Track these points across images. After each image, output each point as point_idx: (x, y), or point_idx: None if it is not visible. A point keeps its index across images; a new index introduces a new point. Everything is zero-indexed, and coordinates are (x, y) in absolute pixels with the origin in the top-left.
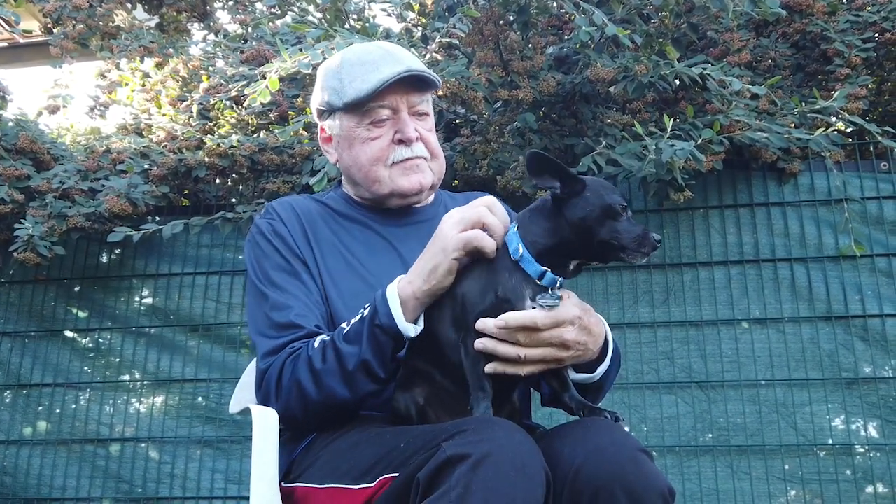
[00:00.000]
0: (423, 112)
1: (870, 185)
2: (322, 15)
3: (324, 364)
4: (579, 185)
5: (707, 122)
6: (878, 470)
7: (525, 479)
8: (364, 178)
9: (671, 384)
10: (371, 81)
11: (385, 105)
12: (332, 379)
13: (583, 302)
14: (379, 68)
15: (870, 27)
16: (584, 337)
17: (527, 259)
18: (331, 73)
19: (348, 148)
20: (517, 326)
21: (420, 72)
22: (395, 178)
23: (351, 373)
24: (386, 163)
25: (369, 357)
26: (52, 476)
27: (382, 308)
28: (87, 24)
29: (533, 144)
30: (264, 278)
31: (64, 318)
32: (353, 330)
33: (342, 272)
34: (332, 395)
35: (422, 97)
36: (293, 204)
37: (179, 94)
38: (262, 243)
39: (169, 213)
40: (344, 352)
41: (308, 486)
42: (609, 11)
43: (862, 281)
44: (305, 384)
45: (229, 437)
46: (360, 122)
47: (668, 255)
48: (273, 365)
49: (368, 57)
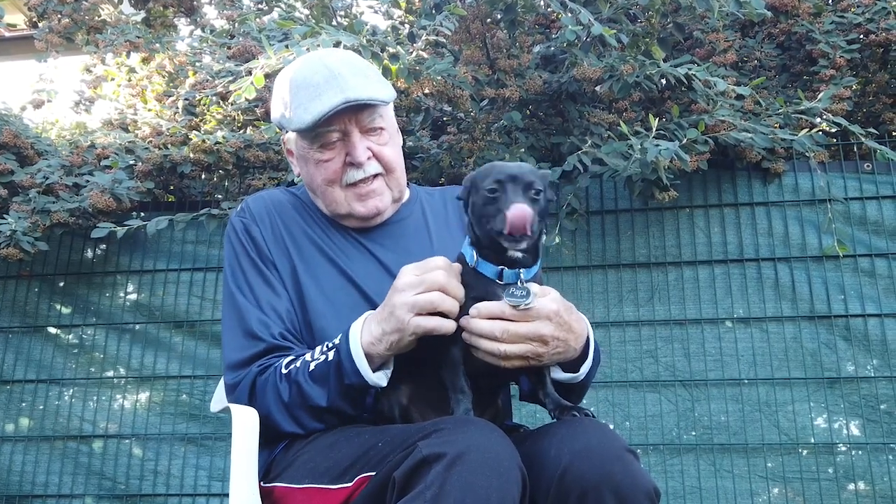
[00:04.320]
0: (375, 127)
1: (853, 186)
2: (309, 11)
3: (290, 399)
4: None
5: (692, 122)
6: (859, 468)
7: (500, 478)
8: (322, 196)
9: (655, 383)
10: (312, 112)
11: (333, 129)
12: (300, 413)
13: (564, 300)
14: (321, 96)
15: (855, 28)
16: (563, 333)
17: (482, 265)
18: (280, 92)
19: (304, 166)
20: (488, 315)
21: (359, 100)
22: (352, 203)
23: (319, 412)
24: (341, 184)
25: (337, 400)
26: (34, 473)
27: (349, 365)
28: (72, 18)
29: (519, 143)
30: (235, 278)
31: (47, 314)
32: (318, 372)
33: (321, 268)
34: (304, 426)
35: (372, 115)
36: (268, 200)
37: (165, 89)
38: (235, 243)
39: (154, 209)
40: (310, 394)
41: (287, 486)
42: (595, 11)
43: (845, 281)
44: (276, 415)
45: (213, 433)
46: (311, 145)
47: (652, 255)
48: (242, 383)
49: (313, 79)
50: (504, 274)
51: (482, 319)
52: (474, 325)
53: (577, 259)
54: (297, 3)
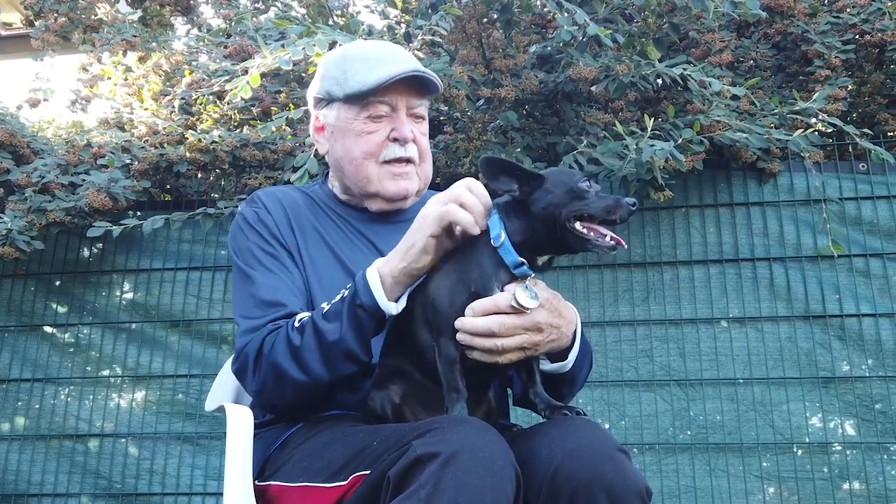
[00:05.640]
0: (419, 115)
1: (848, 186)
2: (305, 11)
3: (302, 341)
4: (538, 179)
5: (688, 122)
6: (853, 468)
7: (494, 478)
8: (354, 172)
9: (650, 382)
10: (375, 76)
11: (385, 101)
12: (310, 356)
13: (550, 289)
14: (384, 64)
15: (850, 29)
16: (556, 320)
17: (507, 247)
18: (334, 63)
19: (342, 139)
20: (483, 313)
21: (425, 73)
22: (383, 180)
23: (329, 350)
24: (378, 159)
25: (349, 336)
26: (30, 472)
27: (363, 287)
28: (69, 16)
29: (515, 142)
30: (250, 262)
31: (43, 313)
32: (332, 309)
33: (324, 261)
34: (309, 373)
35: (421, 100)
36: (278, 194)
37: (162, 88)
38: (248, 231)
39: (150, 208)
40: (323, 329)
41: (282, 484)
42: (591, 11)
43: (840, 281)
44: (282, 362)
45: (209, 433)
46: (358, 115)
47: (648, 254)
48: (252, 342)
49: (373, 53)
50: (521, 268)
51: (477, 317)
52: (470, 324)
53: (573, 258)
54: (294, 3)
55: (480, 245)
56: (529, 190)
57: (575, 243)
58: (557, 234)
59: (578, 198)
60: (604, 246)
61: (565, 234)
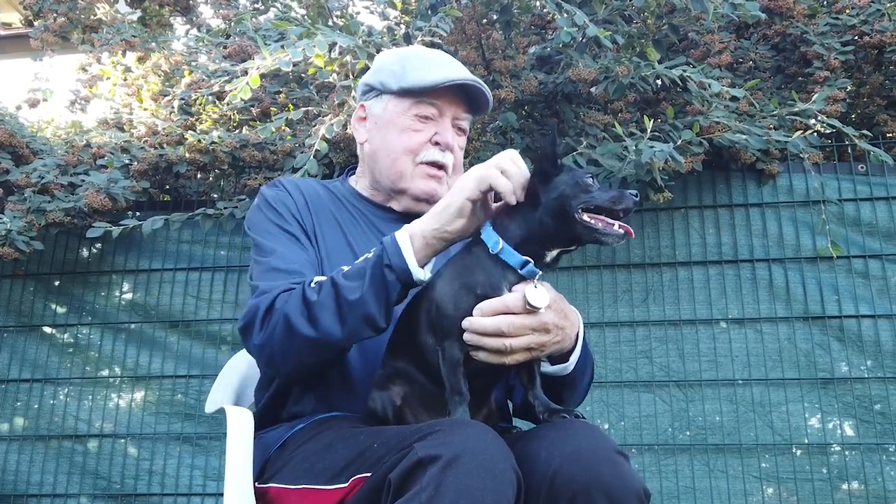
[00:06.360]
0: (463, 129)
1: (847, 187)
2: (305, 12)
3: (319, 297)
4: (557, 169)
5: (687, 124)
6: (852, 468)
7: (495, 480)
8: (389, 165)
9: (649, 383)
10: (435, 75)
11: (435, 104)
12: (325, 312)
13: (555, 290)
14: (445, 69)
15: (849, 30)
16: (562, 321)
17: (507, 250)
18: (393, 58)
19: (384, 131)
20: (492, 313)
21: (482, 87)
22: (416, 178)
23: (346, 308)
24: (415, 158)
25: (369, 295)
26: (29, 472)
27: (391, 245)
28: (68, 16)
29: (514, 143)
30: (267, 236)
31: (42, 314)
32: (355, 269)
33: (338, 249)
34: (321, 330)
35: (468, 115)
36: (298, 182)
37: (161, 88)
38: (266, 209)
39: (149, 208)
40: (342, 286)
41: (282, 486)
42: (591, 12)
43: (838, 282)
44: (294, 317)
45: (208, 433)
46: (406, 111)
47: (647, 255)
48: (263, 298)
49: (435, 56)
50: (527, 267)
51: (486, 317)
52: (479, 324)
53: (573, 259)
54: (294, 4)
55: (481, 255)
56: (549, 176)
57: (584, 234)
58: (566, 226)
59: (585, 191)
60: (613, 234)
61: (574, 224)
